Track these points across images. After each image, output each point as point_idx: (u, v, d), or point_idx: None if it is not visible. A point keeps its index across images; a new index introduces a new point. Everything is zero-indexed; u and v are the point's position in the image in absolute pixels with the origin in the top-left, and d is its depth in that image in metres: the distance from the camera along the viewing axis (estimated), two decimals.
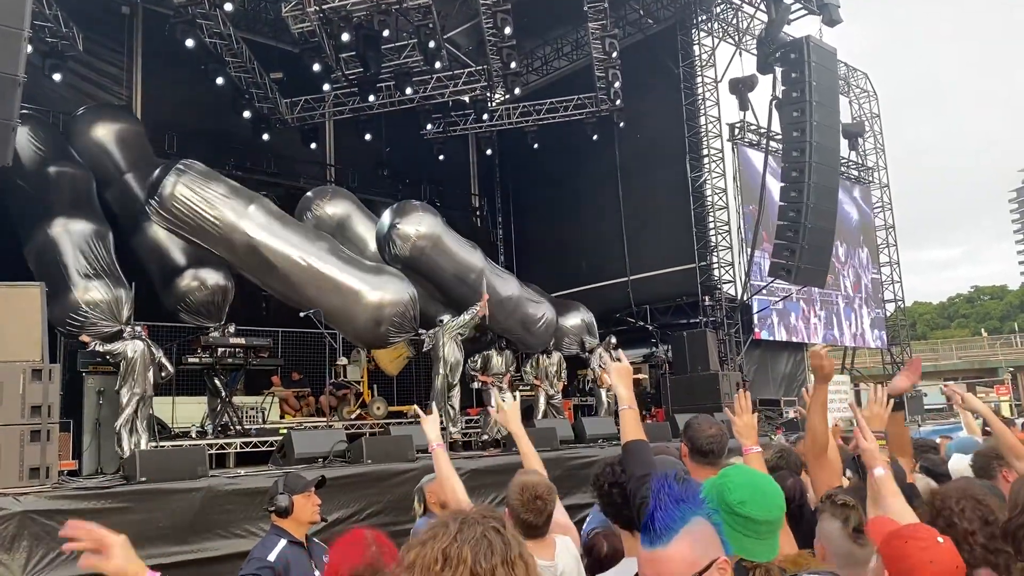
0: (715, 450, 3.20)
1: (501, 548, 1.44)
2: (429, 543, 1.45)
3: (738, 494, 2.19)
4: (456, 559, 1.41)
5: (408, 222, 12.76)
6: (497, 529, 1.48)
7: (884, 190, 23.03)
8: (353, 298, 11.58)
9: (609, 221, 18.52)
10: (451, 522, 1.48)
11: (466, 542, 1.43)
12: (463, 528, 1.46)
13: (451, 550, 1.42)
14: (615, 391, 2.76)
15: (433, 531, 1.48)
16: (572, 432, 11.09)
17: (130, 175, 13.10)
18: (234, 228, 10.91)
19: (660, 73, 17.76)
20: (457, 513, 1.52)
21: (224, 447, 10.15)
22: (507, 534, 1.48)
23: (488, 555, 1.43)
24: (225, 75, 14.90)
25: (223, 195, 10.97)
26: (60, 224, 11.48)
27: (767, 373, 18.38)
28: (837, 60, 16.47)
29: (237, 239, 10.98)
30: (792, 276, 15.17)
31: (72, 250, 11.20)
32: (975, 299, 65.82)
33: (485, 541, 1.44)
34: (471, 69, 16.85)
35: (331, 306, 11.53)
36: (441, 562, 1.41)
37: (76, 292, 10.53)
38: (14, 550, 5.64)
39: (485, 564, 1.41)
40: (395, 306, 11.74)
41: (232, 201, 11.01)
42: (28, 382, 6.81)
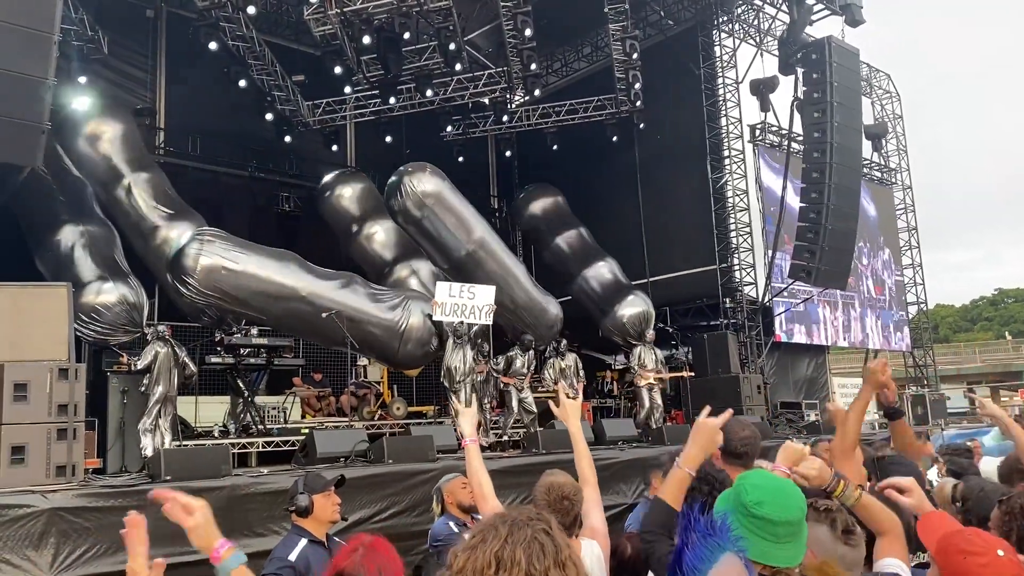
0: (749, 452, 3.18)
1: (552, 550, 1.45)
2: (480, 547, 1.45)
3: (755, 495, 2.16)
4: (510, 562, 1.42)
5: (416, 179, 13.61)
6: (546, 531, 1.48)
7: (907, 192, 22.82)
8: (391, 331, 12.22)
9: (629, 223, 18.49)
10: (500, 525, 1.48)
11: (518, 544, 1.44)
12: (513, 531, 1.46)
13: (504, 553, 1.43)
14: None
15: (482, 534, 1.48)
16: (592, 433, 11.09)
17: (131, 177, 13.03)
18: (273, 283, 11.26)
19: (681, 74, 17.71)
20: (504, 516, 1.52)
21: (246, 446, 10.24)
22: (556, 536, 1.49)
23: (541, 557, 1.43)
24: (248, 78, 15.03)
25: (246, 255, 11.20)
26: (69, 230, 11.65)
27: (787, 376, 18.27)
28: (859, 61, 16.36)
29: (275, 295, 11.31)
30: (812, 278, 15.08)
31: (82, 254, 11.36)
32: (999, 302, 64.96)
33: (537, 543, 1.44)
34: (491, 71, 16.89)
35: (373, 340, 12.20)
36: (495, 565, 1.42)
37: (89, 295, 10.67)
38: (42, 547, 5.74)
39: (539, 566, 1.42)
40: (420, 329, 12.42)
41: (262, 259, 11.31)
42: (55, 381, 6.91)
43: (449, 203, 13.91)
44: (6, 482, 6.37)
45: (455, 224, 13.97)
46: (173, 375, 9.57)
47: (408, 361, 12.99)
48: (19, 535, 5.68)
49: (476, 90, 16.94)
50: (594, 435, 11.10)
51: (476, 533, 1.50)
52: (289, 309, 11.41)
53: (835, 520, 2.40)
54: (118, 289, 10.98)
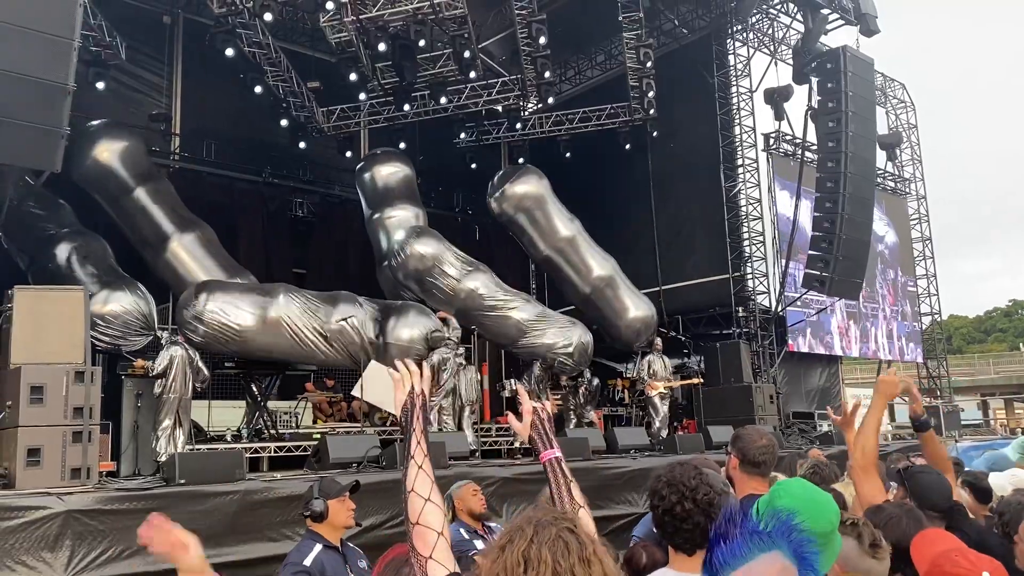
0: (767, 461, 3.18)
1: (576, 547, 1.48)
2: (508, 547, 1.50)
3: (788, 502, 2.18)
4: (537, 560, 1.46)
5: (517, 183, 15.01)
6: (571, 529, 1.52)
7: (921, 201, 22.72)
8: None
9: (642, 231, 18.48)
10: (526, 526, 1.52)
11: (544, 543, 1.48)
12: (539, 530, 1.50)
13: (531, 552, 1.47)
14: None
15: (509, 535, 1.52)
16: (604, 442, 11.08)
17: (140, 190, 13.04)
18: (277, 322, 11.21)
19: (694, 83, 17.71)
20: (530, 517, 1.56)
21: (259, 451, 10.27)
22: (580, 533, 1.52)
23: (565, 554, 1.47)
24: (263, 84, 15.12)
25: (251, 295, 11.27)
26: (64, 246, 11.82)
27: (800, 386, 18.19)
28: (874, 71, 16.32)
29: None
30: (826, 288, 15.03)
31: (81, 266, 11.47)
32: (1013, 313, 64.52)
33: (561, 541, 1.48)
34: (505, 78, 16.93)
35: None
36: (523, 564, 1.46)
37: (96, 304, 10.70)
38: (57, 549, 5.77)
39: (564, 563, 1.46)
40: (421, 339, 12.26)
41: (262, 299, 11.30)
42: (71, 384, 6.96)
43: (547, 207, 15.21)
44: (22, 484, 6.41)
45: (548, 226, 15.16)
46: (188, 379, 9.62)
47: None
48: (35, 537, 5.71)
49: (490, 97, 16.99)
50: (606, 444, 11.08)
51: (504, 535, 1.54)
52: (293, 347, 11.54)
53: (862, 534, 2.40)
54: (127, 297, 10.99)
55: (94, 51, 12.98)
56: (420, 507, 1.87)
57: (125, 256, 12.90)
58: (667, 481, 2.46)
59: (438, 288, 13.19)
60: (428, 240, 13.37)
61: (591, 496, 9.00)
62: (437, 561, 1.79)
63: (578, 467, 9.46)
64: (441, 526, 1.85)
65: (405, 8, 13.11)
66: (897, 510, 2.79)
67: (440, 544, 1.82)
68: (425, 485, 1.90)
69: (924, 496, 3.30)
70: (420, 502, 1.87)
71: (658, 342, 14.90)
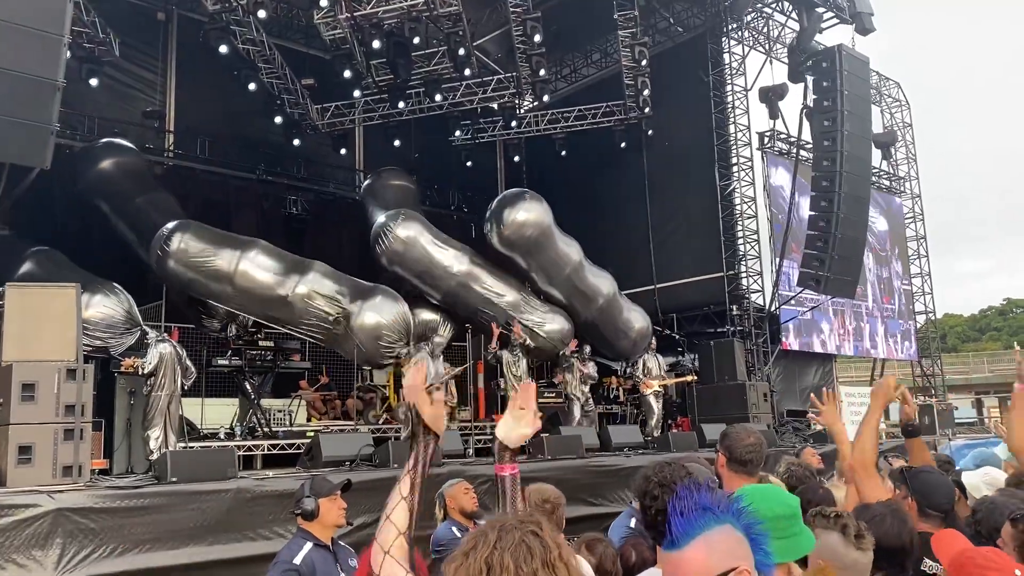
0: (754, 459, 3.19)
1: (540, 551, 1.47)
2: (471, 553, 1.48)
3: (744, 495, 2.21)
4: (500, 566, 1.45)
5: (519, 210, 13.49)
6: (535, 532, 1.51)
7: (915, 200, 22.75)
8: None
9: (636, 229, 18.47)
10: (489, 531, 1.51)
11: (506, 549, 1.46)
12: (502, 535, 1.49)
13: (493, 559, 1.46)
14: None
15: (473, 541, 1.51)
16: (597, 440, 11.07)
17: (140, 200, 13.41)
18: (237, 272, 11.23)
19: (690, 81, 17.70)
20: (495, 522, 1.55)
21: (252, 449, 10.25)
22: (545, 537, 1.51)
23: (528, 559, 1.46)
24: (257, 81, 15.08)
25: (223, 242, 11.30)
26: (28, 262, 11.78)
27: (794, 384, 18.21)
28: (869, 69, 16.33)
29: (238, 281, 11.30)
30: (821, 286, 15.05)
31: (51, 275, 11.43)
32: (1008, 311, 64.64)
33: (524, 546, 1.47)
34: (500, 76, 16.91)
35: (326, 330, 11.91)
36: (486, 571, 1.45)
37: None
38: (47, 547, 5.73)
39: (526, 568, 1.44)
40: (390, 326, 11.96)
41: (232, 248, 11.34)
42: (63, 381, 6.91)
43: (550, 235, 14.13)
44: (13, 482, 6.38)
45: (554, 254, 14.22)
46: (177, 375, 9.56)
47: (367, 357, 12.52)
48: (25, 535, 5.68)
49: (485, 95, 16.97)
50: (600, 441, 11.08)
51: (468, 540, 1.53)
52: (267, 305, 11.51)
53: (847, 526, 2.42)
54: (105, 299, 10.91)
55: (88, 48, 12.95)
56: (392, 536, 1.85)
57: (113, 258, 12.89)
58: (658, 481, 2.47)
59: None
60: (411, 223, 13.25)
61: (585, 493, 9.00)
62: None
63: (572, 464, 9.46)
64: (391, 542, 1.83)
65: (400, 5, 13.09)
66: (883, 508, 2.80)
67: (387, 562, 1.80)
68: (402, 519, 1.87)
69: (928, 496, 3.30)
70: (394, 532, 1.85)
71: (652, 341, 14.92)
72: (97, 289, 11.04)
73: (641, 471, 2.63)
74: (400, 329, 12.00)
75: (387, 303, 12.09)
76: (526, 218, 13.49)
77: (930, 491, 3.34)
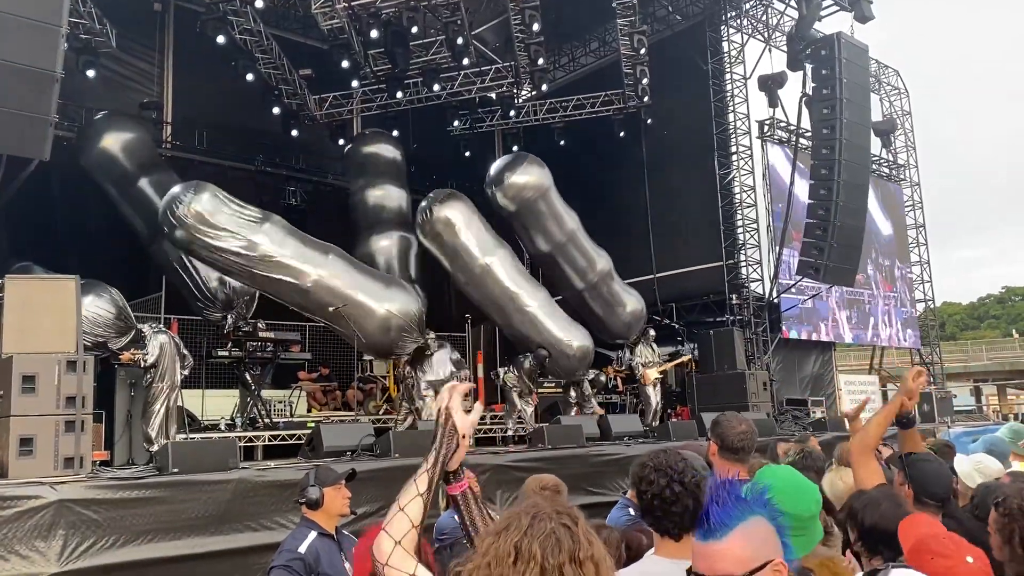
0: (745, 447, 3.25)
1: (569, 546, 1.47)
2: (503, 535, 1.49)
3: (769, 482, 2.20)
4: (527, 554, 1.45)
5: (519, 172, 13.48)
6: (567, 525, 1.50)
7: (915, 188, 22.74)
8: (362, 311, 11.38)
9: (635, 218, 18.45)
10: (523, 516, 1.51)
11: (536, 538, 1.46)
12: (534, 523, 1.49)
13: (522, 544, 1.46)
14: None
15: (506, 522, 1.51)
16: (598, 429, 11.10)
17: (144, 180, 13.26)
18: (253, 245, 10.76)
19: (688, 70, 17.66)
20: (530, 507, 1.54)
21: (253, 440, 10.26)
22: (579, 532, 1.50)
23: (556, 552, 1.45)
24: (255, 71, 15.03)
25: (238, 211, 10.90)
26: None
27: (794, 373, 18.23)
28: (869, 57, 16.28)
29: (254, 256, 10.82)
30: (821, 274, 15.04)
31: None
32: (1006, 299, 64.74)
33: (553, 537, 1.47)
34: (498, 65, 16.85)
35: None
36: (513, 555, 1.45)
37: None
38: (50, 538, 5.75)
39: (552, 560, 1.44)
40: (403, 317, 11.59)
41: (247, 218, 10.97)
42: (63, 373, 6.91)
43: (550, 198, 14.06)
44: (15, 473, 6.39)
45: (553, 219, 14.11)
46: (177, 366, 9.54)
47: (379, 349, 12.25)
48: (28, 526, 5.69)
49: (483, 85, 16.93)
50: (600, 431, 11.10)
51: (502, 520, 1.53)
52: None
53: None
54: (98, 300, 10.82)
55: (84, 39, 12.88)
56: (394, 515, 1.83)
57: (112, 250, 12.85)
58: (654, 466, 2.48)
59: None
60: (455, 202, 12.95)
61: (585, 483, 9.02)
62: (394, 567, 1.76)
63: (572, 454, 9.48)
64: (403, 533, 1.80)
65: None
66: (878, 494, 2.81)
67: (397, 551, 1.78)
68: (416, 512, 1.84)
69: (924, 484, 3.32)
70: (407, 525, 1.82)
71: (651, 331, 14.93)
72: (88, 290, 10.95)
73: (637, 458, 2.64)
74: (413, 322, 11.87)
75: (400, 294, 12.02)
76: (526, 180, 13.54)
77: (927, 480, 3.35)
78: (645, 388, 14.12)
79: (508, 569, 1.45)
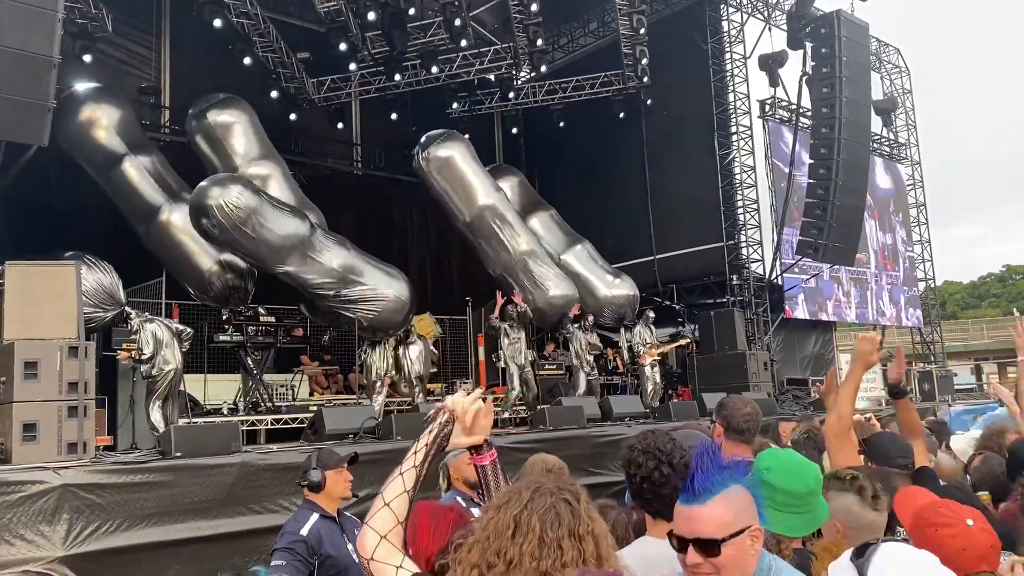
0: (750, 428, 3.27)
1: (569, 520, 1.49)
2: (503, 508, 1.51)
3: (766, 462, 2.29)
4: (526, 527, 1.47)
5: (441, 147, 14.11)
6: (568, 501, 1.51)
7: (915, 167, 22.67)
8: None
9: (636, 200, 18.41)
10: (524, 490, 1.54)
11: (535, 511, 1.49)
12: (534, 497, 1.51)
13: (521, 517, 1.48)
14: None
15: (507, 496, 1.54)
16: (599, 410, 11.13)
17: (130, 161, 12.77)
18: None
19: (688, 50, 17.55)
20: (531, 483, 1.56)
21: (255, 424, 10.30)
22: (580, 508, 1.52)
23: (555, 526, 1.47)
24: (252, 55, 14.96)
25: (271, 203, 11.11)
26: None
27: (794, 352, 18.24)
28: (869, 35, 16.19)
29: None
30: (820, 254, 15.03)
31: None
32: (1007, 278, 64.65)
33: (553, 511, 1.49)
34: (497, 47, 16.76)
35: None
36: (512, 528, 1.48)
37: None
38: (55, 523, 5.78)
39: (551, 534, 1.46)
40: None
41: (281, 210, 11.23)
42: (65, 359, 6.93)
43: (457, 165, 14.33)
44: (18, 459, 6.41)
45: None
46: (175, 349, 9.48)
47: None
48: (32, 511, 5.73)
49: (482, 66, 16.84)
50: (601, 412, 11.13)
51: (503, 495, 1.56)
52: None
53: (863, 487, 2.46)
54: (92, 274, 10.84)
55: (80, 23, 12.80)
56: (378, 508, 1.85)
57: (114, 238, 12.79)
58: (642, 449, 2.49)
59: None
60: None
61: (586, 464, 9.05)
62: (379, 561, 1.77)
63: (573, 435, 9.51)
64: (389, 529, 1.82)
65: None
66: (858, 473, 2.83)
67: (383, 546, 1.79)
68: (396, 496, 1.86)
69: (883, 455, 3.35)
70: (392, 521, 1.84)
71: (649, 313, 14.94)
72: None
73: (626, 441, 2.65)
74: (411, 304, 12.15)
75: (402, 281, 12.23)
76: (448, 155, 14.13)
77: (884, 450, 3.38)
78: (643, 369, 14.15)
79: (507, 542, 1.47)
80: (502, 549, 1.47)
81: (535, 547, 1.45)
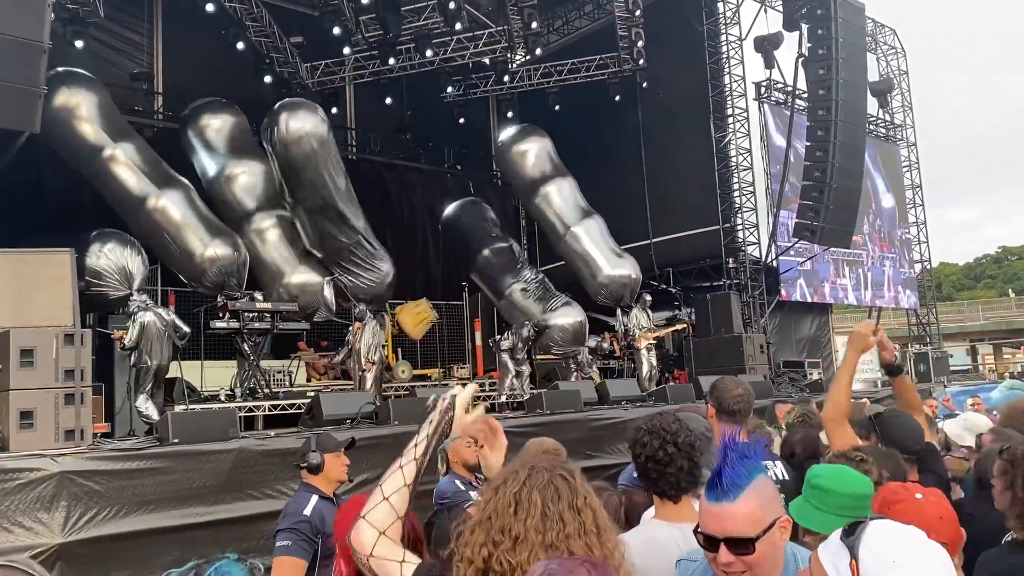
0: (742, 409, 3.29)
1: (568, 494, 1.54)
2: (501, 488, 1.55)
3: (817, 471, 2.37)
4: (527, 502, 1.51)
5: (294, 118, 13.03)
6: (564, 476, 1.56)
7: (911, 148, 22.64)
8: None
9: (632, 183, 18.36)
10: (520, 469, 1.58)
11: (535, 487, 1.53)
12: (531, 474, 1.56)
13: (521, 494, 1.53)
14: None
15: (504, 477, 1.58)
16: (596, 394, 11.16)
17: (113, 149, 12.08)
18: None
19: (683, 31, 17.45)
20: (527, 462, 1.60)
21: (252, 410, 10.29)
22: (575, 483, 1.57)
23: (555, 499, 1.52)
24: (245, 40, 14.87)
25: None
26: None
27: (790, 335, 18.29)
28: (865, 16, 16.12)
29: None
30: (816, 237, 15.02)
31: None
32: (1002, 259, 64.82)
33: (552, 487, 1.54)
34: (491, 30, 16.67)
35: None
36: (514, 505, 1.52)
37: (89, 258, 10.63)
38: (53, 509, 5.80)
39: (553, 508, 1.51)
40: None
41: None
42: (61, 346, 6.93)
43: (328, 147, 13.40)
44: (16, 446, 6.42)
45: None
46: (164, 344, 9.42)
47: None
48: (30, 498, 5.74)
49: (476, 50, 16.75)
50: (598, 395, 11.16)
51: (499, 476, 1.60)
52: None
53: (869, 471, 2.51)
54: (118, 251, 10.83)
55: (72, 8, 12.69)
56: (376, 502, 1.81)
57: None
58: (648, 429, 2.51)
59: None
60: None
61: (583, 447, 9.08)
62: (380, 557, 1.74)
63: (570, 418, 9.54)
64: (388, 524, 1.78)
65: None
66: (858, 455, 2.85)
67: (382, 541, 1.75)
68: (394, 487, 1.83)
69: (896, 440, 3.35)
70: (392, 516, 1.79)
71: (646, 297, 14.96)
72: (108, 238, 11.13)
73: (634, 422, 2.67)
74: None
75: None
76: (301, 126, 13.03)
77: (898, 435, 3.39)
78: (639, 352, 14.19)
79: (510, 519, 1.51)
80: (506, 526, 1.51)
81: (538, 521, 1.50)
